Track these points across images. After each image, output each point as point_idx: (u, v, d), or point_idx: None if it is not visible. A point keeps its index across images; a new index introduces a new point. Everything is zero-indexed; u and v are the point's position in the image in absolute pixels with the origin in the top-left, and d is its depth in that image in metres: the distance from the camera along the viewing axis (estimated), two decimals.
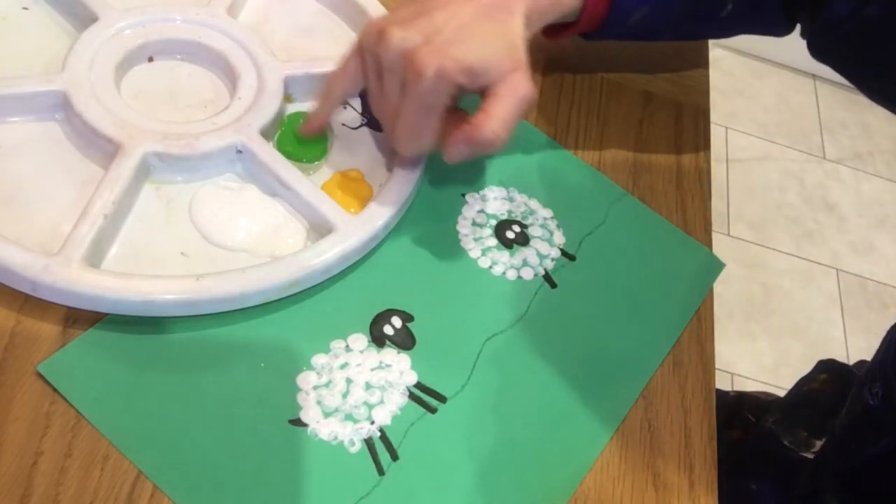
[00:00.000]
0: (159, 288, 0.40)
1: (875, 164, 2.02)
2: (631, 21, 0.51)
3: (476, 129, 0.42)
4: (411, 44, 0.41)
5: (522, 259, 0.50)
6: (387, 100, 0.44)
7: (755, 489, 0.61)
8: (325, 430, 0.40)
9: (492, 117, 0.42)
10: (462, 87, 0.42)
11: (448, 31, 0.42)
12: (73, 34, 0.49)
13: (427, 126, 0.44)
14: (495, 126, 0.42)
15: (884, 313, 1.73)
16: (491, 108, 0.43)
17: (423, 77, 0.41)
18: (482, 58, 0.42)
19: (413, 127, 0.44)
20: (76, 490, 0.36)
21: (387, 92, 0.44)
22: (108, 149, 0.44)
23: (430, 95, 0.42)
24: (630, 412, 0.46)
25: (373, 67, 0.44)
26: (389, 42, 0.42)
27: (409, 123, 0.44)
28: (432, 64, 0.41)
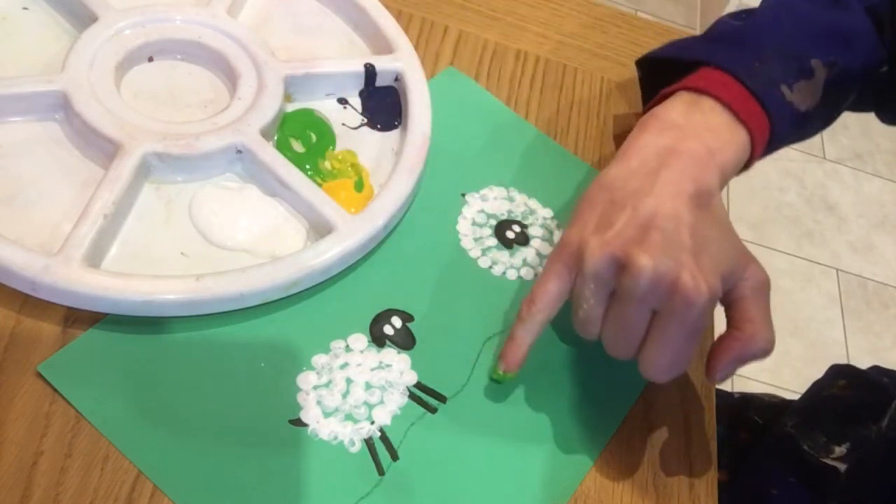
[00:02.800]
0: (159, 288, 0.40)
1: (875, 164, 2.02)
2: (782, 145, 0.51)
3: (750, 343, 0.41)
4: (667, 271, 0.38)
5: (522, 259, 0.50)
6: (630, 328, 0.40)
7: (777, 494, 0.61)
8: (326, 430, 0.40)
9: (760, 325, 0.41)
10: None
11: (688, 243, 0.39)
12: (73, 34, 0.49)
13: (691, 350, 0.40)
14: (767, 332, 0.41)
15: (884, 313, 1.73)
16: (754, 315, 0.41)
17: (697, 304, 0.38)
18: (730, 262, 0.40)
19: (677, 354, 0.40)
20: (76, 490, 0.36)
21: (631, 320, 0.39)
22: (108, 149, 0.44)
23: (702, 320, 0.39)
24: (630, 412, 0.46)
25: (600, 295, 0.40)
26: (641, 272, 0.38)
27: (673, 351, 0.39)
28: (702, 288, 0.38)
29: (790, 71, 0.47)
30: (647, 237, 0.39)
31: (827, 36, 0.50)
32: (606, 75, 0.63)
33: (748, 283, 0.41)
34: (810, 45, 0.49)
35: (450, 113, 0.55)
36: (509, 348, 0.43)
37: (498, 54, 0.60)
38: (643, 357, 0.40)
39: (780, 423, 0.64)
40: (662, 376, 0.40)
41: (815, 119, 0.51)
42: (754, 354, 0.41)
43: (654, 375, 0.40)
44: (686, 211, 0.40)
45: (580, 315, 0.41)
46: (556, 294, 0.42)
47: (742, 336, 0.41)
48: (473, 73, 0.58)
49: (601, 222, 0.41)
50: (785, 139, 0.49)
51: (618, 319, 0.40)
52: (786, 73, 0.47)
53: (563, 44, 0.63)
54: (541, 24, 0.64)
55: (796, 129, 0.49)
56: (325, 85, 0.52)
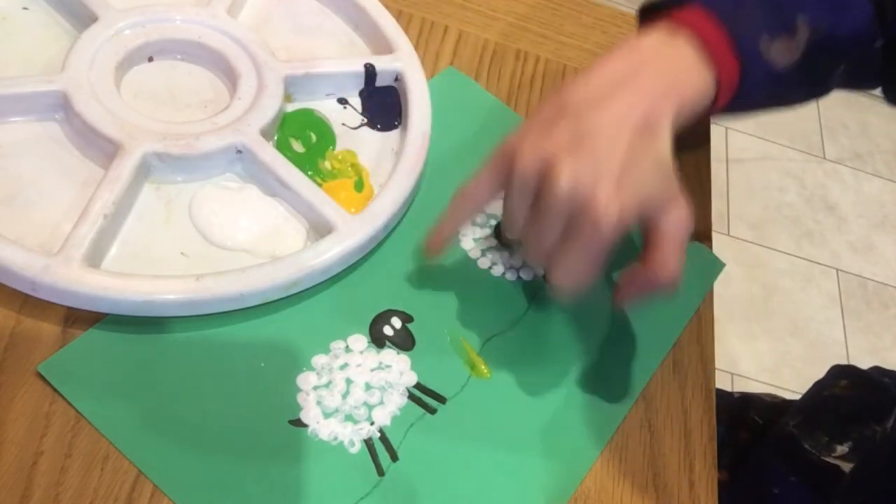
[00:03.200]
0: (159, 288, 0.40)
1: (875, 164, 2.02)
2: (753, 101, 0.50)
3: (656, 274, 0.41)
4: (584, 188, 0.38)
5: (522, 259, 0.50)
6: (544, 235, 0.41)
7: (778, 493, 0.61)
8: (325, 431, 0.40)
9: (668, 259, 0.41)
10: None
11: (615, 165, 0.39)
12: (73, 34, 0.49)
13: (595, 268, 0.41)
14: (674, 267, 0.41)
15: (884, 313, 1.73)
16: (665, 249, 0.41)
17: (605, 225, 0.38)
18: (651, 192, 0.40)
19: (581, 268, 0.41)
20: (76, 490, 0.36)
21: (545, 229, 0.40)
22: (108, 149, 0.44)
23: (609, 241, 0.39)
24: (630, 412, 0.46)
25: (524, 196, 0.41)
26: (559, 182, 0.39)
27: (578, 267, 0.40)
28: (612, 211, 0.38)
29: (773, 23, 0.47)
30: (578, 149, 0.40)
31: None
32: None
33: (668, 216, 0.41)
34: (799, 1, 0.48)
35: (450, 113, 0.55)
36: (434, 232, 0.45)
37: (498, 54, 0.60)
38: (551, 264, 0.42)
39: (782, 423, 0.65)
40: (565, 285, 0.42)
41: (794, 83, 0.50)
42: (655, 283, 0.42)
43: (558, 283, 0.42)
44: (626, 133, 0.40)
45: (506, 212, 0.43)
46: (486, 189, 0.43)
47: (650, 267, 0.42)
48: (473, 73, 0.58)
49: (542, 128, 0.42)
50: (756, 94, 0.49)
51: (535, 223, 0.41)
52: (767, 24, 0.47)
53: (563, 44, 0.63)
54: (541, 24, 0.64)
55: (770, 87, 0.49)
56: (325, 85, 0.52)
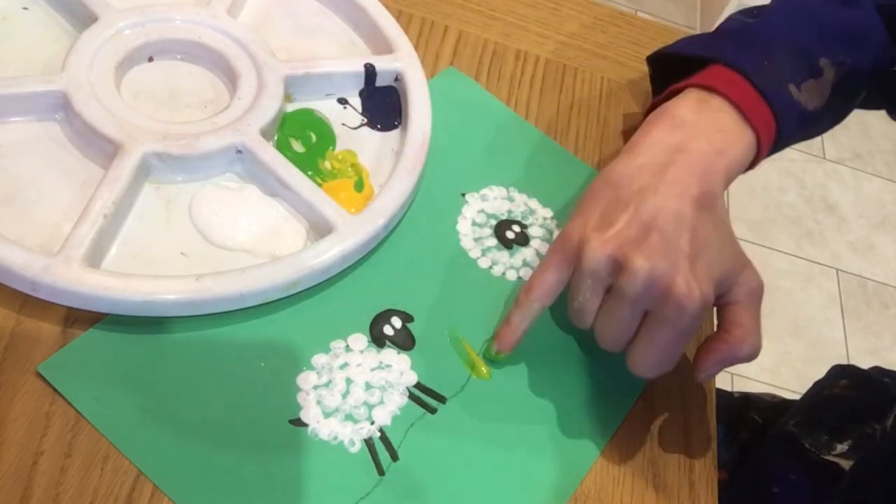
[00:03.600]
0: (159, 288, 0.40)
1: (875, 164, 2.02)
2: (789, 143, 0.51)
3: (737, 347, 0.41)
4: (662, 274, 0.38)
5: (522, 259, 0.50)
6: (621, 325, 0.40)
7: (777, 492, 0.61)
8: (326, 430, 0.40)
9: (749, 331, 0.41)
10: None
11: (686, 247, 0.39)
12: (73, 34, 0.49)
13: (679, 351, 0.41)
14: (755, 339, 0.41)
15: (884, 313, 1.73)
16: (744, 321, 0.41)
17: (689, 309, 0.38)
18: (725, 268, 0.41)
19: (666, 354, 0.41)
20: (76, 490, 0.36)
21: (624, 318, 0.40)
22: (108, 149, 0.44)
23: (691, 325, 0.39)
24: (630, 412, 0.46)
25: (597, 290, 0.41)
26: (637, 274, 0.38)
27: (662, 351, 0.40)
28: (695, 294, 0.38)
29: (799, 70, 0.47)
30: (647, 239, 0.39)
31: (837, 35, 0.50)
32: (606, 75, 0.63)
33: (742, 289, 0.42)
34: (819, 45, 0.49)
35: (450, 113, 0.55)
36: (505, 331, 0.44)
37: (498, 54, 0.60)
38: (632, 353, 0.41)
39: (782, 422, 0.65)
40: (649, 373, 0.42)
41: (823, 118, 0.51)
42: (739, 358, 0.42)
43: (640, 371, 0.42)
44: (688, 213, 0.40)
45: (575, 306, 0.42)
46: (553, 285, 0.42)
47: (730, 339, 0.42)
48: (473, 73, 0.58)
49: (603, 219, 0.41)
50: (791, 138, 0.49)
51: (611, 315, 0.41)
52: (794, 72, 0.47)
53: (563, 44, 0.63)
54: (541, 24, 0.64)
55: (803, 128, 0.49)
56: (325, 85, 0.52)
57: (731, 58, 0.47)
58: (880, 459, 0.56)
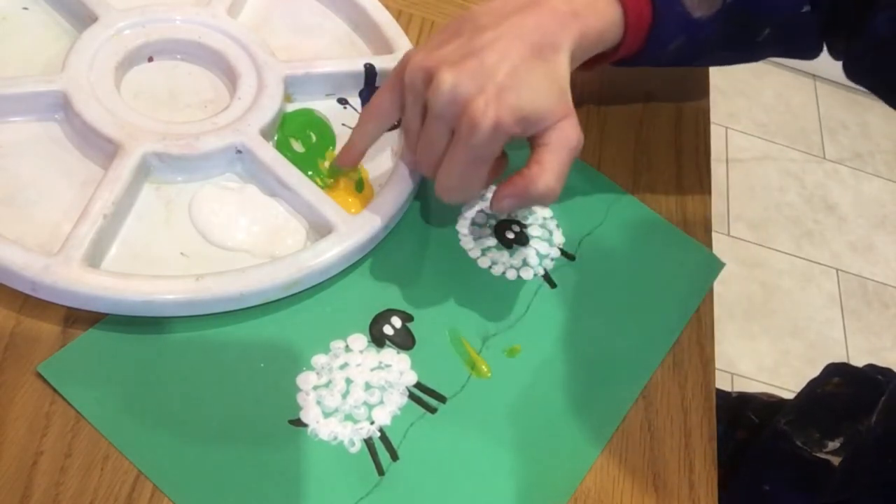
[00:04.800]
0: (159, 288, 0.40)
1: (875, 164, 2.02)
2: (668, 50, 0.50)
3: (530, 182, 0.41)
4: (465, 91, 0.39)
5: (522, 259, 0.50)
6: (430, 144, 0.42)
7: (768, 490, 0.61)
8: (325, 431, 0.40)
9: (546, 170, 0.41)
10: (512, 137, 0.41)
11: (501, 76, 0.40)
12: (73, 34, 0.49)
13: (476, 177, 0.42)
14: (550, 179, 0.41)
15: (884, 313, 1.73)
16: (544, 160, 0.41)
17: (480, 129, 0.39)
18: (537, 107, 0.41)
19: (461, 177, 0.42)
20: (76, 490, 0.36)
21: (431, 136, 0.42)
22: (108, 149, 0.44)
23: (484, 147, 0.40)
24: (630, 412, 0.46)
25: (415, 107, 0.42)
26: (440, 87, 0.40)
27: (457, 173, 0.42)
28: (489, 115, 0.39)
29: None
30: (464, 61, 0.40)
31: None
32: (606, 75, 0.62)
33: (554, 133, 0.42)
34: None
35: None
36: (345, 149, 0.47)
37: None
38: (437, 175, 0.43)
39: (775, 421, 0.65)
40: (449, 196, 0.43)
41: (715, 39, 0.51)
42: (532, 195, 0.42)
43: (442, 193, 0.43)
44: (518, 52, 0.41)
45: (403, 125, 0.44)
46: (388, 103, 0.44)
47: (526, 174, 0.42)
48: None
49: (436, 44, 0.43)
50: (671, 41, 0.49)
51: (424, 134, 0.42)
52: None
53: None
54: None
55: (685, 33, 0.49)
56: (325, 85, 0.52)
57: None
58: (867, 456, 0.56)
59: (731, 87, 2.02)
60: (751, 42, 0.53)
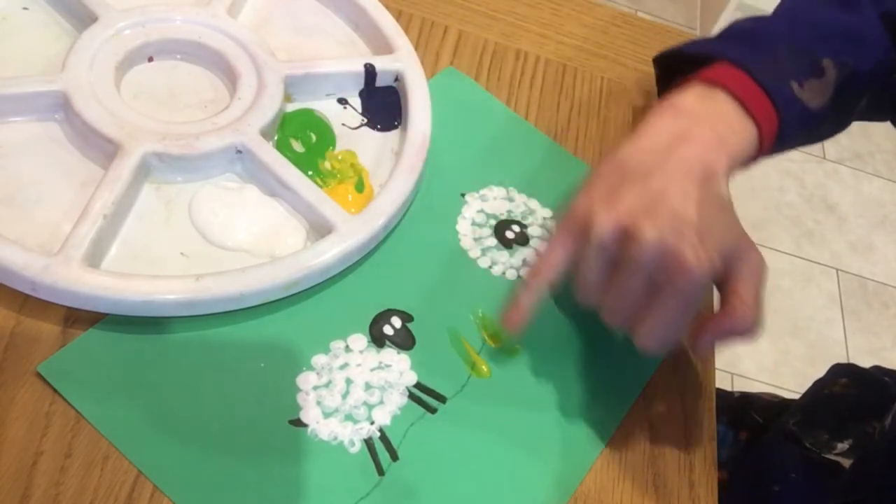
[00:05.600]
0: (159, 288, 0.40)
1: (875, 164, 2.02)
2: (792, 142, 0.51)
3: (736, 318, 0.41)
4: (672, 242, 0.39)
5: (522, 259, 0.50)
6: (629, 296, 0.41)
7: (777, 491, 0.61)
8: (325, 431, 0.40)
9: (748, 304, 0.41)
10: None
11: (692, 217, 0.40)
12: (73, 34, 0.49)
13: (685, 322, 0.41)
14: (754, 312, 0.41)
15: (884, 313, 1.73)
16: (744, 293, 0.41)
17: (695, 277, 0.39)
18: (730, 241, 0.41)
19: (672, 325, 0.41)
20: (76, 490, 0.36)
21: (631, 288, 0.40)
22: (108, 149, 0.44)
23: (697, 294, 0.39)
24: (630, 412, 0.46)
25: (600, 262, 0.41)
26: (646, 242, 0.39)
27: (668, 322, 0.41)
28: (702, 262, 0.39)
29: (801, 69, 0.48)
30: (655, 210, 0.40)
31: (838, 37, 0.50)
32: (606, 75, 0.63)
33: (744, 265, 0.42)
34: (822, 45, 0.49)
35: (450, 113, 0.55)
36: (514, 311, 0.44)
37: (498, 54, 0.60)
38: (640, 327, 0.41)
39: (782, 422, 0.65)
40: (655, 346, 0.42)
41: (826, 120, 0.52)
42: (739, 332, 0.42)
43: (649, 345, 0.42)
44: (694, 189, 0.41)
45: (582, 281, 0.42)
46: (560, 261, 0.43)
47: (730, 311, 0.42)
48: (473, 73, 0.58)
49: (611, 194, 0.42)
50: (794, 136, 0.50)
51: (619, 287, 0.41)
52: (797, 70, 0.48)
53: (563, 44, 0.63)
54: (541, 24, 0.64)
55: (806, 127, 0.50)
56: (325, 85, 0.52)
57: (735, 55, 0.48)
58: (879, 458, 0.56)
59: None
60: (850, 112, 0.54)
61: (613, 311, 0.42)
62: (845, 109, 0.53)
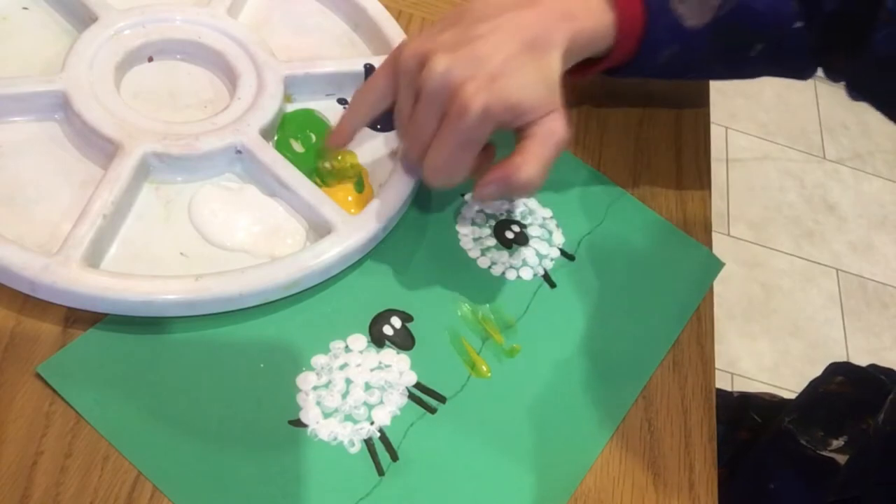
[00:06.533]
0: (159, 288, 0.40)
1: (875, 164, 2.02)
2: (660, 59, 0.50)
3: (513, 170, 0.42)
4: (457, 76, 0.40)
5: (522, 259, 0.50)
6: (419, 127, 0.43)
7: (773, 488, 0.61)
8: (325, 431, 0.40)
9: (529, 160, 0.42)
10: (499, 125, 0.41)
11: (493, 65, 0.41)
12: (73, 34, 0.49)
13: (463, 161, 0.42)
14: (533, 169, 0.42)
15: (884, 313, 1.73)
16: (529, 151, 0.42)
17: (469, 113, 0.40)
18: (526, 97, 0.41)
19: (448, 161, 0.42)
20: (76, 490, 0.36)
21: (421, 119, 0.42)
22: (108, 149, 0.44)
23: (472, 132, 0.41)
24: (630, 412, 0.46)
25: (408, 91, 0.43)
26: (433, 70, 0.40)
27: (445, 157, 0.42)
28: (479, 101, 0.40)
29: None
30: (458, 48, 0.41)
31: None
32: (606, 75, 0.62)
33: (540, 126, 0.42)
34: None
35: None
36: (336, 128, 0.47)
37: None
38: (425, 157, 0.43)
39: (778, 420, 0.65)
40: (435, 179, 0.44)
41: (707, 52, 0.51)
42: (514, 184, 0.42)
43: (428, 176, 0.44)
44: (512, 46, 0.42)
45: (395, 110, 0.44)
46: (382, 85, 0.44)
47: (508, 163, 0.42)
48: None
49: (432, 32, 0.43)
50: (662, 49, 0.49)
51: (414, 118, 0.43)
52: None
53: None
54: None
55: (678, 44, 0.49)
56: (325, 85, 0.52)
57: None
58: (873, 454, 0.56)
59: (731, 87, 2.02)
60: (744, 58, 0.53)
61: (411, 144, 0.44)
62: (734, 50, 0.52)
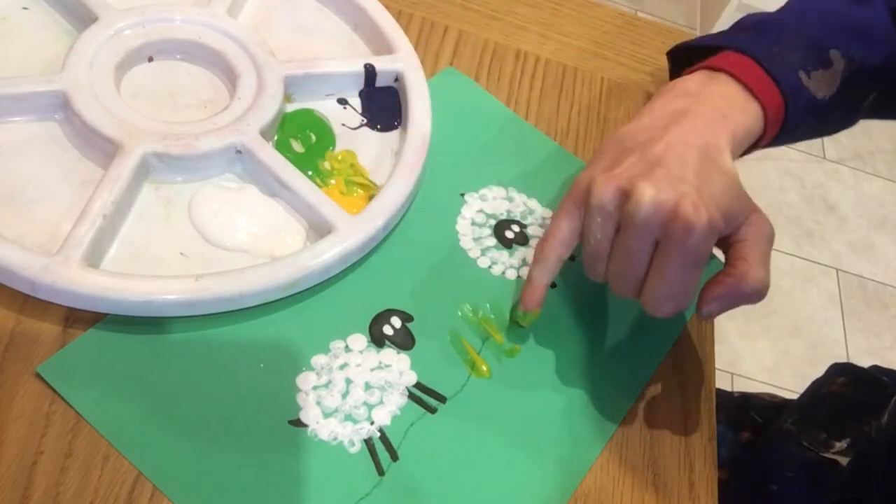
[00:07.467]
0: (159, 288, 0.40)
1: (875, 164, 2.02)
2: (797, 134, 0.51)
3: (741, 280, 0.41)
4: (669, 198, 0.39)
5: (521, 259, 0.50)
6: (632, 259, 0.40)
7: (776, 490, 0.61)
8: (325, 431, 0.40)
9: (754, 265, 0.41)
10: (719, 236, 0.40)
11: (692, 181, 0.40)
12: (73, 34, 0.49)
13: (692, 283, 0.40)
14: (761, 272, 0.41)
15: (884, 313, 1.73)
16: (750, 255, 0.41)
17: (696, 229, 0.38)
18: (734, 203, 0.41)
19: (678, 285, 0.40)
20: (76, 490, 0.36)
21: (633, 251, 0.40)
22: (108, 149, 0.44)
23: (700, 248, 0.39)
24: (630, 412, 0.46)
25: (606, 227, 0.41)
26: (643, 197, 0.39)
27: (674, 282, 0.40)
28: (702, 215, 0.38)
29: (809, 59, 0.49)
30: (652, 172, 0.40)
31: (847, 31, 0.51)
32: (606, 75, 0.62)
33: (749, 228, 0.42)
34: (830, 38, 0.50)
35: (449, 113, 0.55)
36: (528, 290, 0.44)
37: (498, 54, 0.60)
38: (645, 290, 0.41)
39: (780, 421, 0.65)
40: (664, 308, 0.41)
41: (833, 112, 0.52)
42: (745, 293, 0.41)
43: (655, 308, 0.41)
44: (693, 157, 0.41)
45: (588, 251, 0.42)
46: (567, 232, 0.43)
47: (735, 273, 0.41)
48: (473, 73, 0.58)
49: (611, 164, 0.42)
50: (801, 125, 0.50)
51: (621, 251, 0.41)
52: (804, 60, 0.48)
53: (563, 44, 0.63)
54: (541, 24, 0.64)
55: (812, 116, 0.50)
56: (325, 85, 0.52)
57: (741, 44, 0.48)
58: (876, 456, 0.56)
59: None
60: (857, 109, 0.54)
61: (619, 279, 0.42)
62: (852, 103, 0.53)
